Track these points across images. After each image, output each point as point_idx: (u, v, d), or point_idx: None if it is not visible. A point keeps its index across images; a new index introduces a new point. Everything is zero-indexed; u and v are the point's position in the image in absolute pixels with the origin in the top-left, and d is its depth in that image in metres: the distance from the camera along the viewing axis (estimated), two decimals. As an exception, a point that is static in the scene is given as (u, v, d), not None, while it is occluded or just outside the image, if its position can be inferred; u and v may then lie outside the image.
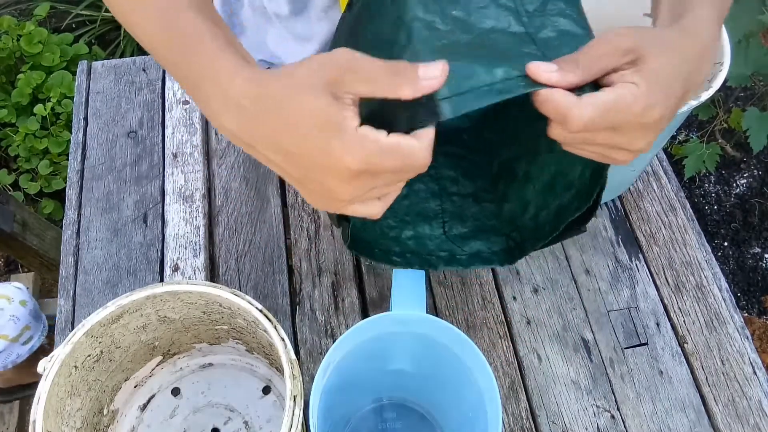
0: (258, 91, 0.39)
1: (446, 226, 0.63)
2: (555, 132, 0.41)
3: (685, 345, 0.69)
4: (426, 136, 0.38)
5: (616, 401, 0.66)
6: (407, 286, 0.52)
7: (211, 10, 0.45)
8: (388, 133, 0.37)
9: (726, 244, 1.63)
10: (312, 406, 0.47)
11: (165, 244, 0.74)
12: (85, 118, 0.83)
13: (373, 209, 0.41)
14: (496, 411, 0.48)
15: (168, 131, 0.82)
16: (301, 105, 0.37)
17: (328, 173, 0.38)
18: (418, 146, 0.37)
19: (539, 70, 0.39)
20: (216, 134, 0.82)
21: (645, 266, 0.74)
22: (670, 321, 0.71)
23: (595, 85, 0.40)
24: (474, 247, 0.62)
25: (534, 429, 0.65)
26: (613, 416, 0.65)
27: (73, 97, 0.86)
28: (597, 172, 0.49)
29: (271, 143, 0.38)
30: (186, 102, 0.84)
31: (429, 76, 0.37)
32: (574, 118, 0.38)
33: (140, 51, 1.69)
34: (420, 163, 0.38)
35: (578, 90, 0.39)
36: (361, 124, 0.37)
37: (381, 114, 0.38)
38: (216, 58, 0.41)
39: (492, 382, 0.49)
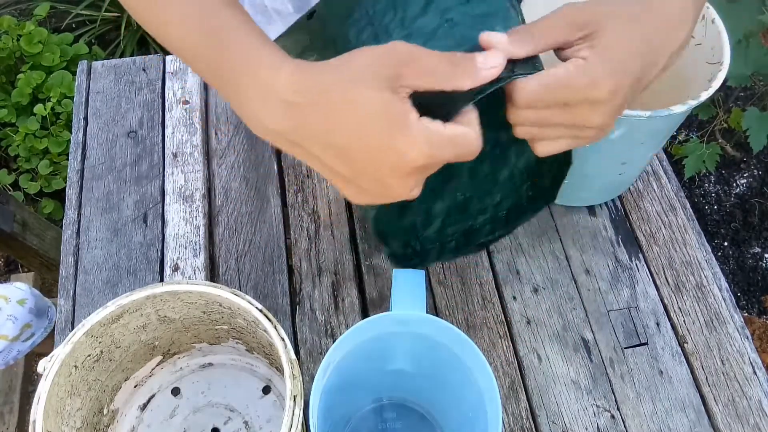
0: (307, 83, 0.36)
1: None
2: (509, 113, 0.41)
3: (685, 345, 0.69)
4: (474, 123, 0.38)
5: (616, 401, 0.66)
6: (407, 286, 0.52)
7: (242, 9, 0.43)
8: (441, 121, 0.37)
9: (726, 244, 1.63)
10: (312, 406, 0.47)
11: (165, 244, 0.74)
12: (85, 118, 0.83)
13: (416, 192, 0.40)
14: (496, 411, 0.48)
15: (168, 131, 0.82)
16: (359, 99, 0.35)
17: (389, 169, 0.36)
18: (473, 134, 0.37)
19: (491, 39, 0.39)
20: (216, 134, 0.82)
21: (645, 266, 0.74)
22: (670, 321, 0.71)
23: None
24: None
25: (534, 429, 0.65)
26: (613, 416, 0.65)
27: (73, 97, 0.86)
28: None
29: (322, 139, 0.37)
30: (186, 102, 0.84)
31: (489, 65, 0.37)
32: (518, 94, 0.39)
33: (140, 51, 1.69)
34: (474, 149, 0.38)
35: (531, 65, 0.40)
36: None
37: (418, 102, 0.37)
38: (256, 51, 0.39)
39: (492, 382, 0.49)
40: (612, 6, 0.41)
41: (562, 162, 0.55)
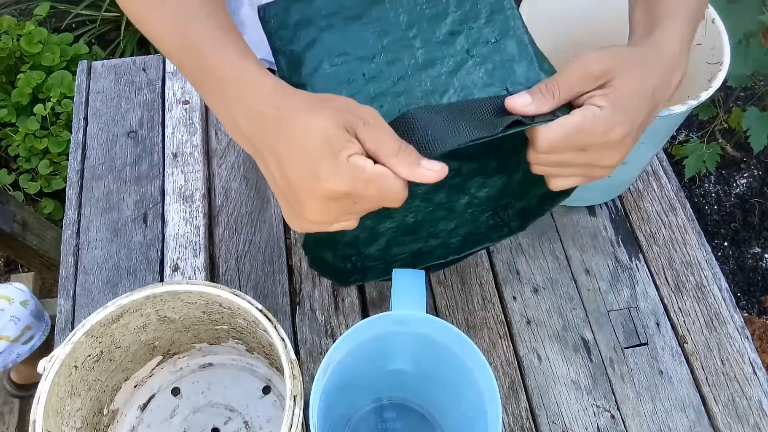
0: (283, 101, 0.41)
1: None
2: (529, 155, 0.45)
3: (685, 345, 0.69)
4: (403, 169, 0.40)
5: (616, 401, 0.66)
6: (407, 286, 0.52)
7: (225, 15, 0.46)
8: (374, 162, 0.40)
9: (726, 244, 1.63)
10: (312, 406, 0.47)
11: (165, 244, 0.74)
12: (85, 118, 0.83)
13: (349, 224, 0.43)
14: (496, 411, 0.48)
15: (168, 131, 0.82)
16: (312, 124, 0.39)
17: (308, 190, 0.40)
18: (392, 180, 0.40)
19: (516, 104, 0.43)
20: (216, 134, 0.82)
21: (645, 266, 0.74)
22: (670, 321, 0.71)
23: (570, 105, 0.44)
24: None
25: (534, 429, 0.65)
26: (613, 416, 0.65)
27: (73, 97, 0.86)
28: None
29: (272, 148, 0.40)
30: (186, 102, 0.84)
31: (428, 167, 0.40)
32: (540, 140, 0.42)
33: (140, 51, 1.69)
34: (396, 197, 0.41)
35: (551, 114, 0.43)
36: None
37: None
38: (241, 61, 0.42)
39: (492, 383, 0.49)
40: (623, 52, 0.44)
41: (557, 193, 0.57)
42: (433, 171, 0.40)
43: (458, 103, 0.46)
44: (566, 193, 0.58)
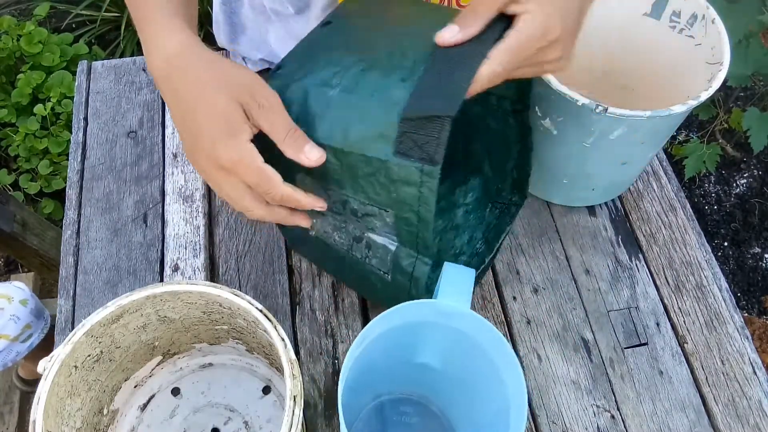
0: (186, 56, 0.48)
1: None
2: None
3: (685, 345, 0.69)
4: (290, 188, 0.48)
5: (616, 401, 0.66)
6: (456, 279, 0.50)
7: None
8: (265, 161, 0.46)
9: (726, 244, 1.63)
10: (342, 376, 0.46)
11: (165, 244, 0.74)
12: (85, 118, 0.83)
13: (257, 211, 0.49)
14: (520, 421, 0.46)
15: (168, 131, 0.82)
16: (212, 96, 0.46)
17: (204, 151, 0.46)
18: (279, 185, 0.47)
19: (445, 38, 0.45)
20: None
21: (645, 266, 0.74)
22: (670, 321, 0.71)
23: (503, 15, 0.45)
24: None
25: (534, 429, 0.65)
26: (613, 416, 0.65)
27: (73, 97, 0.86)
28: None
29: (174, 98, 0.48)
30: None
31: (310, 156, 0.47)
32: (493, 75, 0.44)
33: (140, 51, 1.69)
34: (274, 192, 0.47)
35: (489, 29, 0.45)
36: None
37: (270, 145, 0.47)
38: (163, 17, 0.50)
39: (522, 393, 0.46)
40: None
41: (525, 149, 0.62)
42: (310, 159, 0.47)
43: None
44: (527, 139, 0.62)
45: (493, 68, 0.44)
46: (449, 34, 0.45)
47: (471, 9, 0.45)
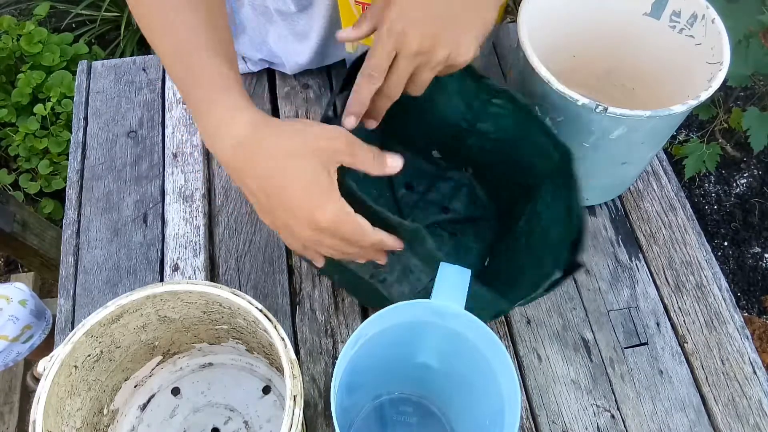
0: (258, 134, 0.47)
1: None
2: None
3: (685, 345, 0.69)
4: (380, 234, 0.50)
5: (616, 401, 0.66)
6: (451, 279, 0.51)
7: (227, 52, 0.51)
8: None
9: (726, 244, 1.63)
10: (335, 376, 0.46)
11: (165, 243, 0.74)
12: (85, 118, 0.83)
13: (317, 261, 0.53)
14: (514, 420, 0.47)
15: (168, 131, 0.82)
16: (294, 165, 0.46)
17: (305, 219, 0.47)
18: (371, 233, 0.49)
19: (343, 35, 0.53)
20: (216, 134, 0.82)
21: (645, 266, 0.74)
22: (670, 321, 0.71)
23: None
24: None
25: (534, 429, 0.65)
26: (613, 416, 0.65)
27: (73, 96, 0.86)
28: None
29: (258, 180, 0.47)
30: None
31: (391, 164, 0.50)
32: (375, 69, 0.50)
33: (140, 51, 1.69)
34: (366, 244, 0.49)
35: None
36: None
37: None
38: (224, 92, 0.48)
39: (516, 391, 0.47)
40: None
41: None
42: (394, 167, 0.50)
43: None
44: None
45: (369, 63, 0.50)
46: (346, 33, 0.53)
47: (364, 15, 0.52)
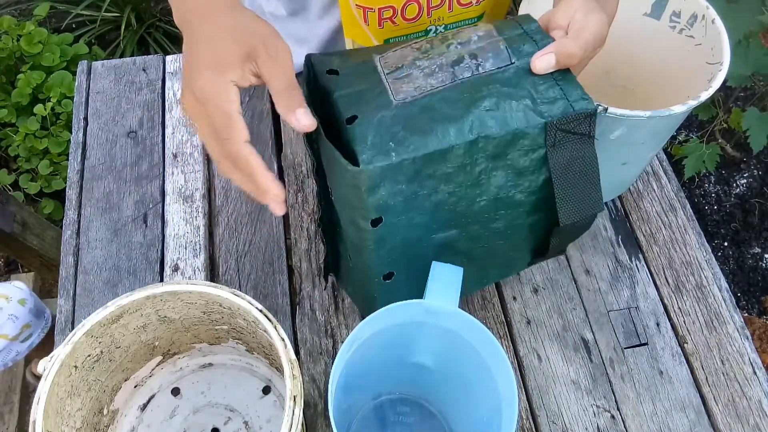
0: (211, 7, 0.47)
1: None
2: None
3: (685, 345, 0.69)
4: (246, 150, 0.45)
5: (616, 401, 0.66)
6: (444, 278, 0.51)
7: None
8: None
9: (726, 244, 1.63)
10: (332, 380, 0.47)
11: (165, 244, 0.74)
12: (85, 118, 0.83)
13: (221, 164, 0.46)
14: (511, 417, 0.47)
15: (168, 131, 0.82)
16: (219, 40, 0.45)
17: (186, 81, 0.45)
18: (240, 133, 0.44)
19: (541, 67, 0.50)
20: (216, 134, 0.82)
21: (645, 266, 0.74)
22: (670, 321, 0.71)
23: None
24: None
25: (534, 429, 0.65)
26: (613, 416, 0.65)
27: (73, 97, 0.86)
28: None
29: (187, 44, 0.47)
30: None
31: (300, 119, 0.45)
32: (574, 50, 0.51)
33: (140, 51, 1.69)
34: (232, 144, 0.44)
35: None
36: None
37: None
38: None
39: (513, 388, 0.47)
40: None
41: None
42: (300, 122, 0.45)
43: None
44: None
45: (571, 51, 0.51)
46: (547, 62, 0.50)
47: (548, 49, 0.51)
